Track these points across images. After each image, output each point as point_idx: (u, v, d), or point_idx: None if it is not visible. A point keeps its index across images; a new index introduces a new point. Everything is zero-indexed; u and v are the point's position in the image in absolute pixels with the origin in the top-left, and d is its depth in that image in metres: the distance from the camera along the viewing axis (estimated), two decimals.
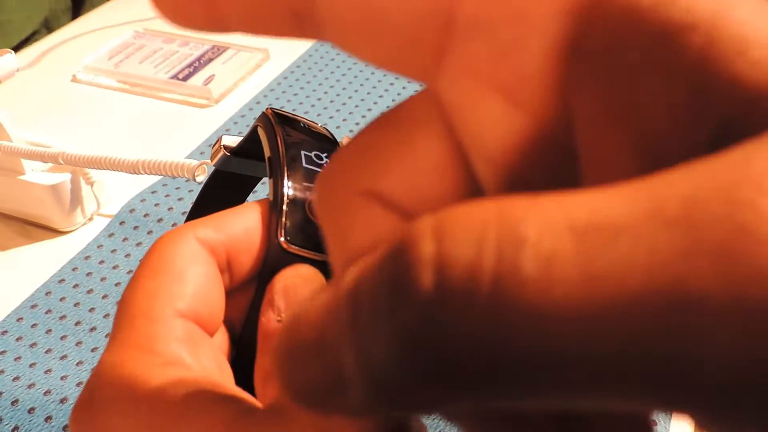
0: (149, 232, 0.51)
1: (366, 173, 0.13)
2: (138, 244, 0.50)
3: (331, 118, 0.63)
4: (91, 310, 0.45)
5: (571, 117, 0.11)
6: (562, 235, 0.08)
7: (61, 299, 0.46)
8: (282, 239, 0.19)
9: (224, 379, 0.18)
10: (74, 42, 0.78)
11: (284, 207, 0.19)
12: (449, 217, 0.09)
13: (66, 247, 0.50)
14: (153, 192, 0.54)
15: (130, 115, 0.66)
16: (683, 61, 0.10)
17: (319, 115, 0.64)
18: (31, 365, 0.42)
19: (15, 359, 0.42)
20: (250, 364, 0.19)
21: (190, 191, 0.54)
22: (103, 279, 0.47)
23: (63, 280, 0.47)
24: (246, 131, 0.38)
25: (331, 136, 0.24)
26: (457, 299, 0.08)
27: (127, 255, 0.49)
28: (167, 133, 0.63)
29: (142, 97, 0.68)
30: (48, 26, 0.86)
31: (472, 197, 0.13)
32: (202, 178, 0.33)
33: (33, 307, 0.46)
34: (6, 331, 0.44)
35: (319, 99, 0.66)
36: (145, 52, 0.73)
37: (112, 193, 0.54)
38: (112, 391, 0.16)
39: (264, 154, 0.24)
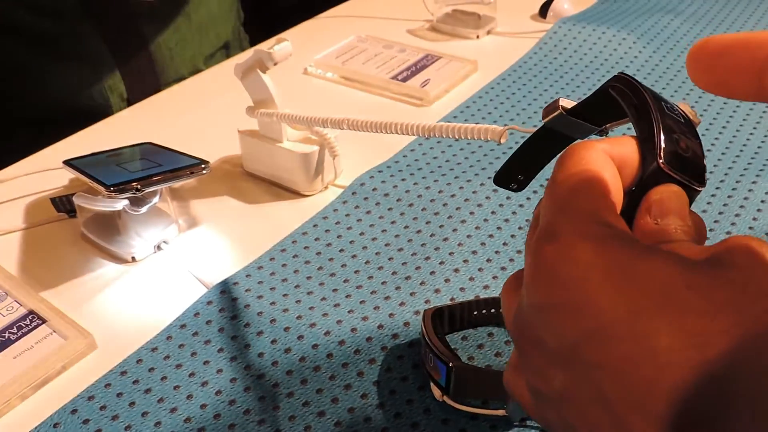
0: (377, 204, 0.58)
1: None
2: (368, 212, 0.58)
3: (534, 126, 0.69)
4: (330, 259, 0.53)
5: None
6: None
7: (305, 248, 0.55)
8: (661, 161, 0.25)
9: None
10: (303, 41, 0.89)
11: (662, 138, 0.25)
12: None
13: (307, 208, 0.59)
14: (380, 171, 0.62)
15: (353, 106, 0.75)
16: None
17: (524, 123, 0.70)
18: (283, 295, 0.50)
19: (270, 289, 0.51)
20: None
21: (411, 174, 0.62)
22: (339, 237, 0.55)
23: (306, 233, 0.56)
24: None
25: (667, 98, 0.29)
26: None
27: (359, 220, 0.57)
28: None
29: (364, 92, 0.77)
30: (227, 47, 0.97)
31: None
32: (505, 141, 0.40)
33: (282, 251, 0.54)
34: (262, 267, 0.53)
35: (523, 109, 0.72)
36: (367, 54, 0.82)
37: (346, 168, 0.62)
38: (575, 234, 0.22)
39: (596, 116, 0.30)
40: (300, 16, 0.95)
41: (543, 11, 0.93)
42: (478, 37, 0.88)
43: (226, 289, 0.50)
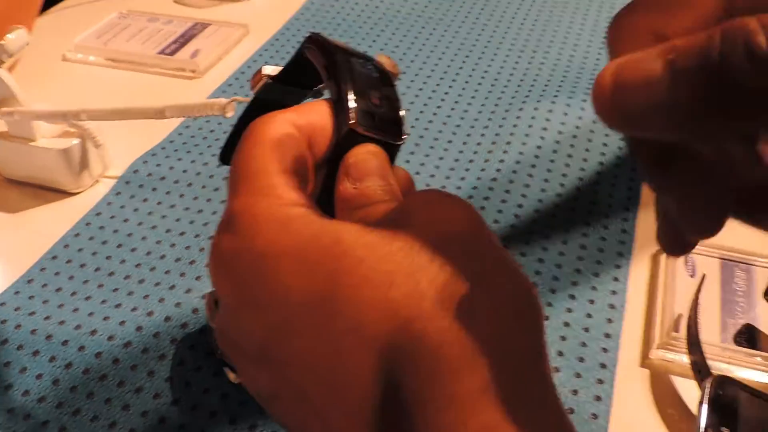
0: (153, 189, 0.55)
1: (658, 19, 0.19)
2: (144, 200, 0.54)
3: None
4: (108, 258, 0.50)
5: None
6: None
7: (78, 250, 0.50)
8: (352, 122, 0.24)
9: None
10: (58, 24, 0.82)
11: (352, 98, 0.24)
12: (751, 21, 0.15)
13: (77, 207, 0.55)
14: (153, 155, 0.59)
15: (121, 89, 0.70)
16: None
17: None
18: (59, 306, 0.46)
19: (43, 302, 0.47)
20: None
21: (188, 152, 0.59)
22: (115, 231, 0.52)
23: (78, 234, 0.52)
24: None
25: (363, 53, 0.28)
26: None
27: (135, 209, 0.54)
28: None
29: (132, 72, 0.72)
30: None
31: None
32: (231, 114, 0.37)
33: (53, 258, 0.50)
34: (32, 280, 0.48)
35: None
36: (131, 30, 0.77)
37: (116, 157, 0.58)
38: (250, 221, 0.21)
39: (305, 80, 0.28)
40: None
41: None
42: None
43: None
